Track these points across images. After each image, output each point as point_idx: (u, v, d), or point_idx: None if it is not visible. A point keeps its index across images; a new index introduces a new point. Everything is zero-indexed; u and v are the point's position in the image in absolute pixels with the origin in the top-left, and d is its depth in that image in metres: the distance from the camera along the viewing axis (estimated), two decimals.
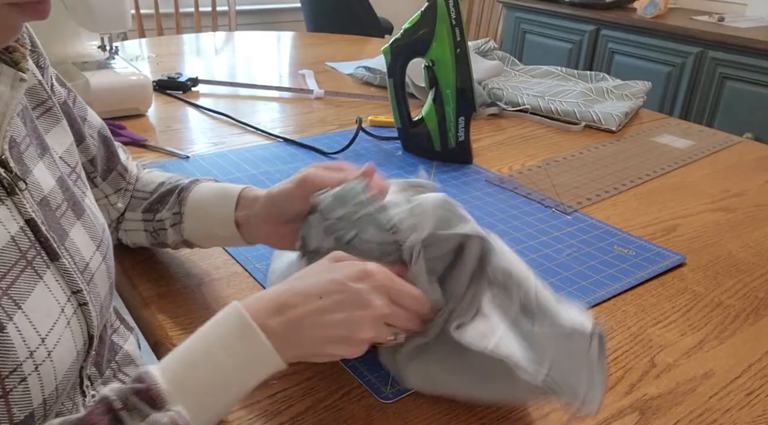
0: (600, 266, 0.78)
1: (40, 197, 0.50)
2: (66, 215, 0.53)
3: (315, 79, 1.51)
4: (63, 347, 0.47)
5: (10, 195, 0.47)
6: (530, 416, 0.55)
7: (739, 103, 2.24)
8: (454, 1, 1.00)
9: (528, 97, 1.34)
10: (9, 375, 0.42)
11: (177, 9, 2.69)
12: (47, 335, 0.46)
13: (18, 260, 0.46)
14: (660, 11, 2.47)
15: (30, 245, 0.47)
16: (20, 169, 0.48)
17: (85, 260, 0.53)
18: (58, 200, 0.52)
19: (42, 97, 0.57)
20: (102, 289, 0.55)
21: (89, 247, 0.54)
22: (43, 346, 0.45)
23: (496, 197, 0.96)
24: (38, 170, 0.51)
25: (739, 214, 0.95)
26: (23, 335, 0.43)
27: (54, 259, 0.49)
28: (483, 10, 3.06)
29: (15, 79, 0.48)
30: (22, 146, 0.50)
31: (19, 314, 0.44)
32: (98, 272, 0.55)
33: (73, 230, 0.53)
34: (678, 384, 0.60)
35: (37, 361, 0.44)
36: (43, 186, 0.51)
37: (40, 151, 0.53)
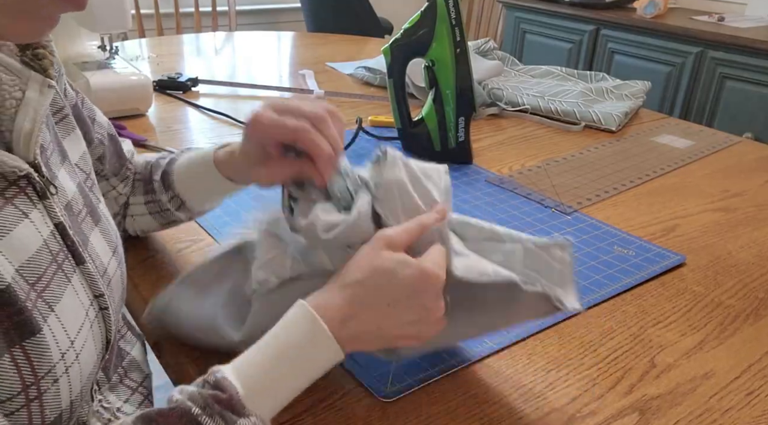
0: (600, 266, 0.78)
1: (65, 202, 0.51)
2: (86, 221, 0.54)
3: (315, 79, 1.51)
4: (88, 350, 0.48)
5: (42, 199, 0.47)
6: (530, 416, 0.55)
7: (739, 103, 2.24)
8: (454, 1, 1.00)
9: (528, 97, 1.34)
10: (44, 376, 0.43)
11: (177, 9, 2.69)
12: (76, 337, 0.46)
13: (50, 263, 0.46)
14: (660, 11, 2.47)
15: (59, 248, 0.48)
16: (49, 174, 0.49)
17: (104, 265, 0.54)
18: (79, 205, 0.53)
19: (59, 105, 0.58)
20: (117, 294, 0.56)
21: (106, 253, 0.55)
22: (72, 348, 0.46)
23: (496, 198, 0.96)
24: (62, 176, 0.52)
25: (739, 214, 0.95)
26: (56, 337, 0.44)
27: (79, 263, 0.50)
28: (483, 10, 3.06)
29: (43, 86, 0.49)
30: (48, 152, 0.51)
31: (52, 317, 0.44)
32: (114, 278, 0.55)
33: (92, 235, 0.54)
34: (678, 384, 0.60)
35: (68, 363, 0.45)
36: (68, 191, 0.52)
37: (61, 157, 0.54)
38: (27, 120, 0.47)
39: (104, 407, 0.57)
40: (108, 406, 0.57)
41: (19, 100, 0.47)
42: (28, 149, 0.46)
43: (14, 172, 0.44)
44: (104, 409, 0.56)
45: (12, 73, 0.47)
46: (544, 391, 0.58)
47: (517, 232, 0.58)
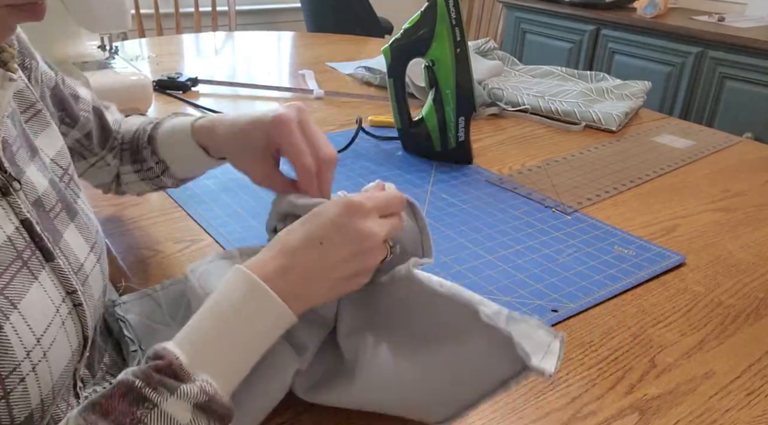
0: (600, 266, 0.78)
1: (34, 197, 0.50)
2: (60, 217, 0.53)
3: (315, 79, 1.51)
4: (58, 347, 0.47)
5: (5, 196, 0.47)
6: (530, 416, 0.55)
7: (739, 103, 2.24)
8: (454, 1, 1.00)
9: (528, 97, 1.34)
10: (9, 375, 0.42)
11: (177, 9, 2.69)
12: (42, 335, 0.45)
13: (14, 260, 0.45)
14: (660, 11, 2.47)
15: (25, 245, 0.47)
16: (14, 170, 0.48)
17: (79, 262, 0.53)
18: (51, 201, 0.52)
19: (30, 101, 0.57)
20: (96, 291, 0.55)
21: (83, 248, 0.54)
22: (38, 346, 0.45)
23: (496, 197, 0.96)
24: (31, 172, 0.51)
25: (739, 214, 0.95)
26: (20, 334, 0.43)
27: (49, 259, 0.49)
28: (483, 10, 3.06)
29: (4, 79, 0.48)
30: (14, 147, 0.50)
31: (15, 314, 0.44)
32: (92, 274, 0.55)
33: (67, 231, 0.53)
34: (678, 384, 0.60)
35: (34, 361, 0.44)
36: (37, 187, 0.51)
37: (30, 153, 0.53)
38: None
39: None
40: None
41: None
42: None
43: None
44: None
45: None
46: (544, 391, 0.58)
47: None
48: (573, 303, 0.71)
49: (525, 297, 0.71)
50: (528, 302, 0.70)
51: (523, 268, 0.77)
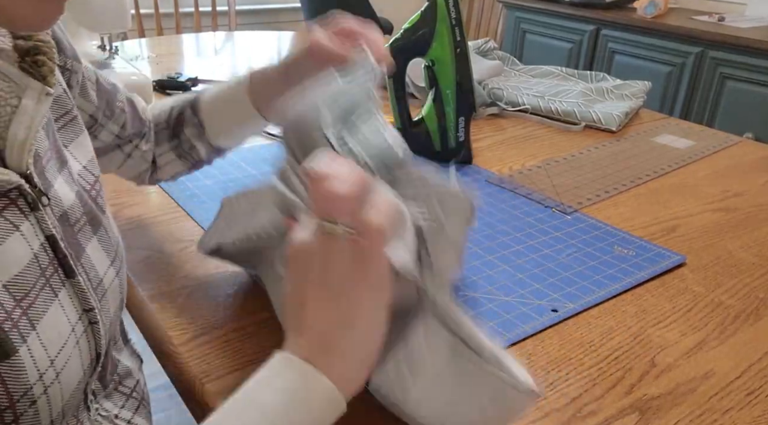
0: (600, 266, 0.78)
1: (60, 212, 0.49)
2: (83, 231, 0.52)
3: None
4: (71, 367, 0.46)
5: (34, 211, 0.45)
6: (530, 416, 0.55)
7: (739, 103, 2.24)
8: (454, 1, 1.00)
9: (528, 97, 1.34)
10: (20, 399, 0.41)
11: (177, 9, 2.69)
12: (57, 356, 0.45)
13: (38, 278, 0.44)
14: (660, 11, 2.47)
15: (49, 262, 0.46)
16: (43, 184, 0.47)
17: (99, 277, 0.52)
18: (77, 214, 0.51)
19: (66, 107, 0.56)
20: (113, 305, 0.54)
21: (103, 262, 0.53)
22: (52, 368, 0.44)
23: (496, 197, 0.96)
24: (58, 184, 0.50)
25: (739, 214, 0.95)
26: (34, 357, 0.42)
27: (70, 276, 0.48)
28: (483, 10, 3.06)
29: (42, 94, 0.47)
30: (44, 160, 0.49)
31: (32, 335, 0.43)
32: (111, 289, 0.54)
33: (89, 245, 0.52)
34: (678, 384, 0.60)
35: (47, 383, 0.43)
36: (64, 201, 0.50)
37: (59, 165, 0.52)
38: (21, 129, 0.45)
39: (102, 415, 0.55)
40: (106, 414, 0.56)
41: (15, 108, 0.45)
42: (21, 159, 0.45)
43: (4, 184, 0.43)
44: (102, 417, 0.55)
45: (9, 79, 0.46)
46: (545, 391, 0.58)
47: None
48: (573, 303, 0.71)
49: (525, 297, 0.71)
50: (528, 302, 0.70)
51: (523, 268, 0.77)
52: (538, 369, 0.61)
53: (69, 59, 0.59)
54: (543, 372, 0.60)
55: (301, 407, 0.39)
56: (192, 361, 0.60)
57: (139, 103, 0.78)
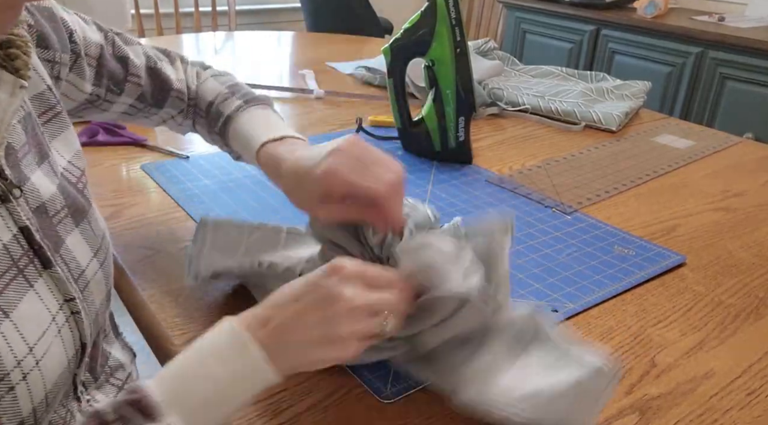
0: (600, 266, 0.78)
1: (37, 203, 0.50)
2: (64, 222, 0.52)
3: (315, 79, 1.51)
4: (52, 356, 0.47)
5: (4, 203, 0.46)
6: None
7: (739, 103, 2.24)
8: (454, 1, 1.00)
9: (528, 97, 1.34)
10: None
11: (177, 9, 2.69)
12: (36, 344, 0.45)
13: (8, 268, 0.45)
14: (660, 11, 2.47)
15: (23, 253, 0.47)
16: (16, 176, 0.48)
17: (81, 268, 0.52)
18: (57, 206, 0.52)
19: (50, 103, 0.56)
20: (97, 296, 0.55)
21: (86, 254, 0.54)
22: (30, 355, 0.44)
23: (496, 197, 0.96)
24: (36, 177, 0.51)
25: (739, 214, 0.95)
26: (10, 344, 0.43)
27: (47, 267, 0.48)
28: (483, 10, 3.06)
29: (15, 86, 0.48)
30: (20, 153, 0.50)
31: (6, 323, 0.43)
32: (94, 280, 0.54)
33: (69, 237, 0.52)
34: (678, 384, 0.60)
35: (25, 370, 0.44)
36: (42, 193, 0.50)
37: (38, 158, 0.52)
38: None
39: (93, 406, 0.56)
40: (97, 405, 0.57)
41: None
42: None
43: None
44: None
45: None
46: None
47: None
48: (573, 303, 0.71)
49: (525, 297, 0.71)
50: (528, 302, 0.70)
51: (523, 268, 0.77)
52: None
53: (57, 52, 0.59)
54: None
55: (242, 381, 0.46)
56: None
57: (169, 74, 0.75)
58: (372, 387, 0.57)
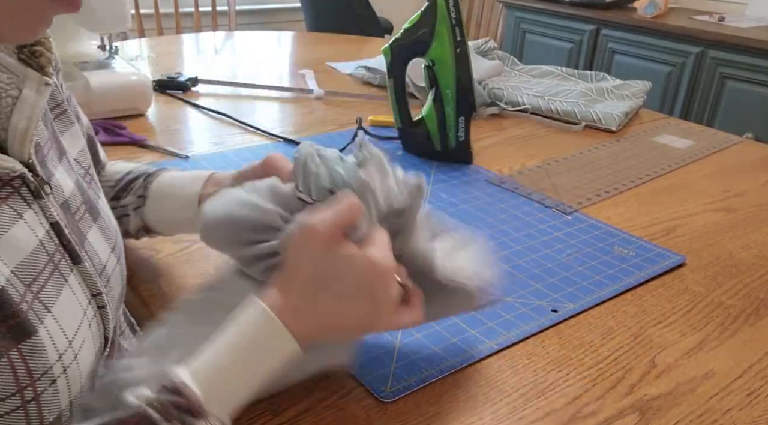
0: (600, 266, 0.78)
1: (61, 200, 0.51)
2: (84, 218, 0.53)
3: (315, 79, 1.51)
4: (87, 349, 0.48)
5: (37, 199, 0.47)
6: (530, 416, 0.55)
7: (739, 103, 2.24)
8: (454, 1, 1.00)
9: (528, 97, 1.34)
10: (40, 378, 0.43)
11: (177, 9, 2.69)
12: (74, 337, 0.46)
13: (46, 263, 0.46)
14: (660, 11, 2.47)
15: (55, 248, 0.48)
16: (45, 173, 0.49)
17: (102, 263, 0.53)
18: (77, 203, 0.53)
19: (58, 100, 0.57)
20: (116, 291, 0.56)
21: (105, 249, 0.55)
22: (70, 348, 0.45)
23: (496, 197, 0.96)
24: (59, 174, 0.52)
25: (739, 214, 0.95)
26: (53, 338, 0.44)
27: (76, 262, 0.49)
28: (483, 10, 3.06)
29: (40, 84, 0.48)
30: (45, 150, 0.51)
31: (48, 318, 0.44)
32: (113, 275, 0.55)
33: (90, 232, 0.53)
34: (678, 384, 0.60)
35: (66, 363, 0.45)
36: (64, 189, 0.52)
37: (58, 154, 0.53)
38: (22, 119, 0.46)
39: None
40: None
41: (15, 99, 0.47)
42: (22, 149, 0.46)
43: (7, 172, 0.44)
44: None
45: (8, 71, 0.47)
46: (545, 391, 0.58)
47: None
48: (573, 303, 0.71)
49: (525, 297, 0.71)
50: (528, 302, 0.70)
51: (523, 268, 0.77)
52: (538, 369, 0.61)
53: (56, 60, 0.60)
54: (543, 372, 0.60)
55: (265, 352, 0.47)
56: None
57: (102, 152, 0.75)
58: (372, 387, 0.57)
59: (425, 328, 0.64)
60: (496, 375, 0.60)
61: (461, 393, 0.57)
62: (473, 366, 0.61)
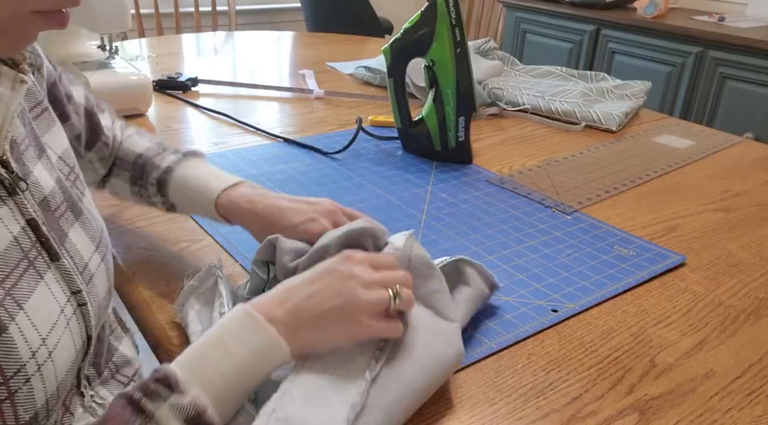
0: (600, 266, 0.78)
1: (40, 197, 0.50)
2: (65, 216, 0.53)
3: (315, 79, 1.51)
4: (63, 347, 0.47)
5: (12, 195, 0.47)
6: (530, 416, 0.55)
7: (739, 103, 2.24)
8: (454, 1, 1.00)
9: (528, 97, 1.34)
10: (13, 376, 0.42)
11: (177, 9, 2.69)
12: (48, 335, 0.46)
13: (20, 260, 0.46)
14: (660, 11, 2.47)
15: (31, 245, 0.47)
16: (21, 169, 0.49)
17: (84, 261, 0.53)
18: (57, 200, 0.53)
19: (38, 99, 0.57)
20: (101, 290, 0.55)
21: (88, 248, 0.54)
22: (44, 346, 0.45)
23: (496, 197, 0.96)
24: (38, 171, 0.51)
25: (739, 214, 0.94)
26: (25, 335, 0.44)
27: (54, 259, 0.49)
28: (483, 10, 3.06)
29: (15, 81, 0.48)
30: (21, 147, 0.50)
31: (21, 315, 0.44)
32: (97, 273, 0.55)
33: (71, 230, 0.53)
34: (678, 384, 0.60)
35: (39, 361, 0.44)
36: (44, 187, 0.51)
37: (38, 152, 0.53)
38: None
39: (97, 403, 0.56)
40: (101, 402, 0.57)
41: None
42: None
43: None
44: (97, 405, 0.56)
45: None
46: (545, 391, 0.58)
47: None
48: (573, 303, 0.71)
49: (525, 297, 0.71)
50: (528, 302, 0.70)
51: (523, 268, 0.77)
52: (538, 369, 0.61)
53: (32, 55, 0.60)
54: (543, 372, 0.60)
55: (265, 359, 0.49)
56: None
57: (106, 119, 0.77)
58: None
59: None
60: (496, 375, 0.60)
61: (461, 393, 0.57)
62: (473, 366, 0.61)
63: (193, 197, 0.71)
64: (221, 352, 0.47)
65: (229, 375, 0.47)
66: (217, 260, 0.65)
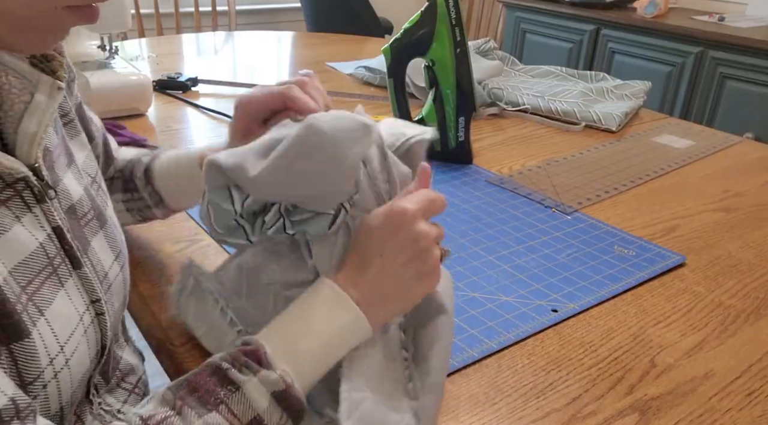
0: (600, 266, 0.78)
1: (68, 205, 0.50)
2: (90, 225, 0.53)
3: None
4: (79, 355, 0.47)
5: (39, 203, 0.47)
6: (530, 416, 0.55)
7: (739, 103, 2.24)
8: (454, 1, 1.00)
9: (528, 97, 1.34)
10: (33, 382, 0.42)
11: (177, 9, 2.69)
12: (66, 342, 0.46)
13: (45, 266, 0.46)
14: (660, 11, 2.47)
15: (56, 252, 0.47)
16: (51, 177, 0.49)
17: (104, 270, 0.53)
18: (84, 208, 0.53)
19: (66, 108, 0.57)
20: (117, 300, 0.55)
21: (108, 257, 0.55)
22: (62, 354, 0.45)
23: (496, 198, 0.96)
24: (67, 179, 0.52)
25: (739, 214, 0.95)
26: (45, 341, 0.44)
27: (77, 267, 0.49)
28: (483, 10, 3.06)
29: (53, 88, 0.48)
30: (54, 155, 0.51)
31: (41, 321, 0.44)
32: (115, 283, 0.55)
33: (95, 239, 0.53)
34: (678, 384, 0.60)
35: (57, 368, 0.44)
36: (72, 195, 0.52)
37: (67, 160, 0.53)
38: (33, 123, 0.46)
39: (105, 410, 0.57)
40: (108, 409, 0.57)
41: (27, 104, 0.47)
42: (30, 152, 0.46)
43: (11, 174, 0.44)
44: (105, 412, 0.56)
45: (22, 76, 0.47)
46: (545, 391, 0.58)
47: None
48: (573, 303, 0.71)
49: (525, 297, 0.71)
50: (528, 302, 0.70)
51: (523, 268, 0.77)
52: (538, 369, 0.61)
53: (68, 68, 0.60)
54: (543, 372, 0.60)
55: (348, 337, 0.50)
56: (192, 361, 0.60)
57: (112, 142, 0.77)
58: None
59: None
60: (496, 375, 0.60)
61: (461, 393, 0.57)
62: (473, 366, 0.61)
63: (179, 166, 0.70)
64: (308, 330, 0.48)
65: (314, 352, 0.48)
66: (188, 259, 0.62)
